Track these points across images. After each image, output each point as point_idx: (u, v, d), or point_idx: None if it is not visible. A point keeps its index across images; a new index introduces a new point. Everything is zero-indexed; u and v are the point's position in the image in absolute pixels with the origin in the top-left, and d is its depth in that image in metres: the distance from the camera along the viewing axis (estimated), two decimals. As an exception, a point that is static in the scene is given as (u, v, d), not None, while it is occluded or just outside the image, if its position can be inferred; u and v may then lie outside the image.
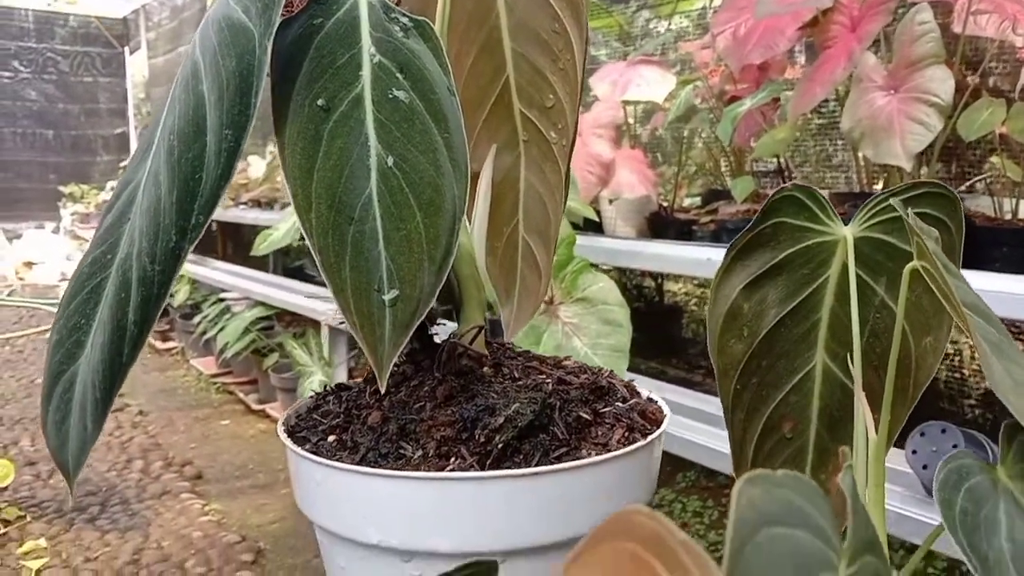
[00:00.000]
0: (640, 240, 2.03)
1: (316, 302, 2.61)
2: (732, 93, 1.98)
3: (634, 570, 0.25)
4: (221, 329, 3.23)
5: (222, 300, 3.83)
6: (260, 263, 4.35)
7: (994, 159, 1.50)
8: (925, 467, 1.13)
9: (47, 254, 6.15)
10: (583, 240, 1.83)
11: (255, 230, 3.76)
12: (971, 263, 1.26)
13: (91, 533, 1.99)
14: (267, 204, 4.03)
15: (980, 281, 1.09)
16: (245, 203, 4.18)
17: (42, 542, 1.87)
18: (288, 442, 0.60)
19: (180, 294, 4.35)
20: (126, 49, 7.28)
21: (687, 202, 2.36)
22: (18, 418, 3.01)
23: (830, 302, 0.65)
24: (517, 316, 0.74)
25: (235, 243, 5.03)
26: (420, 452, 0.56)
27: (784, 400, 0.68)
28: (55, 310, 0.60)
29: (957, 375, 1.78)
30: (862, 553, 0.30)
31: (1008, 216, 1.48)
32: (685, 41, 2.35)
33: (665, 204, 2.19)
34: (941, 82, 1.38)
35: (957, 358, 1.77)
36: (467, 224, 0.69)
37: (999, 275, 1.21)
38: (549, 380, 0.62)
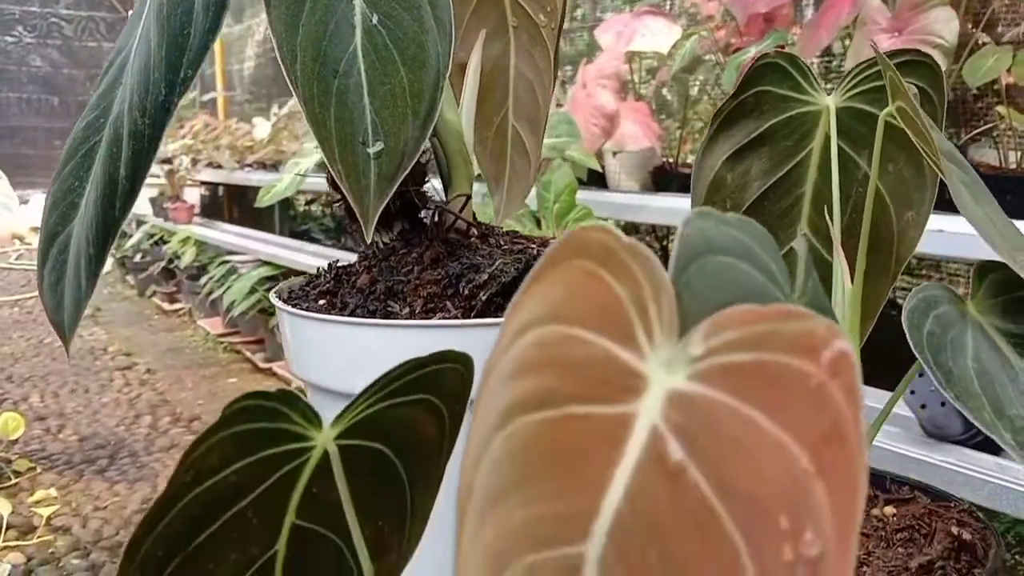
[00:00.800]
0: (646, 194, 2.03)
1: (322, 261, 2.63)
2: (737, 45, 1.97)
3: (586, 284, 0.26)
4: (227, 289, 3.25)
5: (228, 262, 3.84)
6: (267, 226, 4.35)
7: (1000, 109, 1.49)
8: (924, 407, 1.14)
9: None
10: (586, 195, 1.83)
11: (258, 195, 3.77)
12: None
13: (100, 484, 2.02)
14: (272, 166, 4.02)
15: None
16: (250, 165, 4.17)
17: (52, 491, 1.90)
18: (279, 303, 0.61)
19: (187, 255, 4.37)
20: (130, 13, 7.26)
21: (691, 158, 2.36)
22: (28, 376, 3.04)
23: (813, 176, 0.66)
24: (507, 202, 0.75)
25: (241, 207, 5.04)
26: (407, 309, 0.58)
27: (768, 277, 0.69)
28: None
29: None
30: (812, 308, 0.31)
31: (1013, 166, 1.47)
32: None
33: (670, 159, 2.18)
34: (945, 23, 1.37)
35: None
36: (455, 104, 0.69)
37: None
38: (534, 246, 0.63)
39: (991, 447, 1.12)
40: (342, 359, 0.56)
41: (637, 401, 0.25)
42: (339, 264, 0.67)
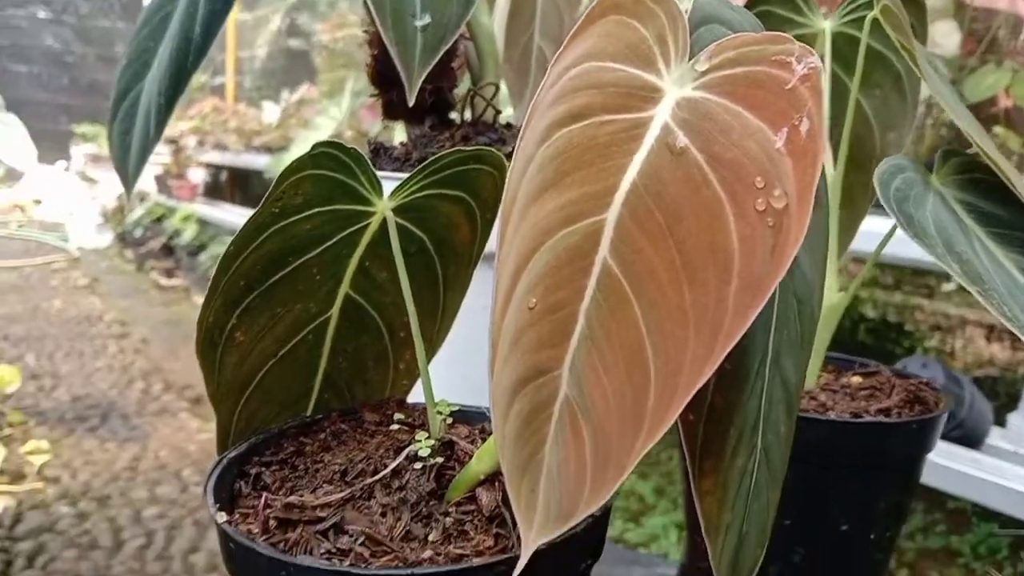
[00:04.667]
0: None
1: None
2: None
3: (620, 29, 0.34)
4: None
5: (225, 241, 3.89)
6: (268, 206, 4.40)
7: (997, 129, 1.56)
8: None
9: (55, 192, 6.21)
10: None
11: (263, 179, 3.82)
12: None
13: (91, 441, 2.07)
14: (278, 150, 4.08)
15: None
16: (257, 148, 4.21)
17: (44, 444, 1.94)
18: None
19: (188, 233, 4.42)
20: (147, -7, 7.33)
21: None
22: (23, 337, 3.09)
23: (806, 96, 0.73)
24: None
25: (244, 188, 5.09)
26: (438, 175, 0.65)
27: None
28: (61, 244, 0.68)
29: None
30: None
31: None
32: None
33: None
34: (947, 35, 1.44)
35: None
36: (489, 12, 0.77)
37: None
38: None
39: (968, 442, 1.19)
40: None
41: (654, 108, 0.32)
42: (377, 142, 0.74)
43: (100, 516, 1.65)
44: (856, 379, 0.65)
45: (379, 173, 0.44)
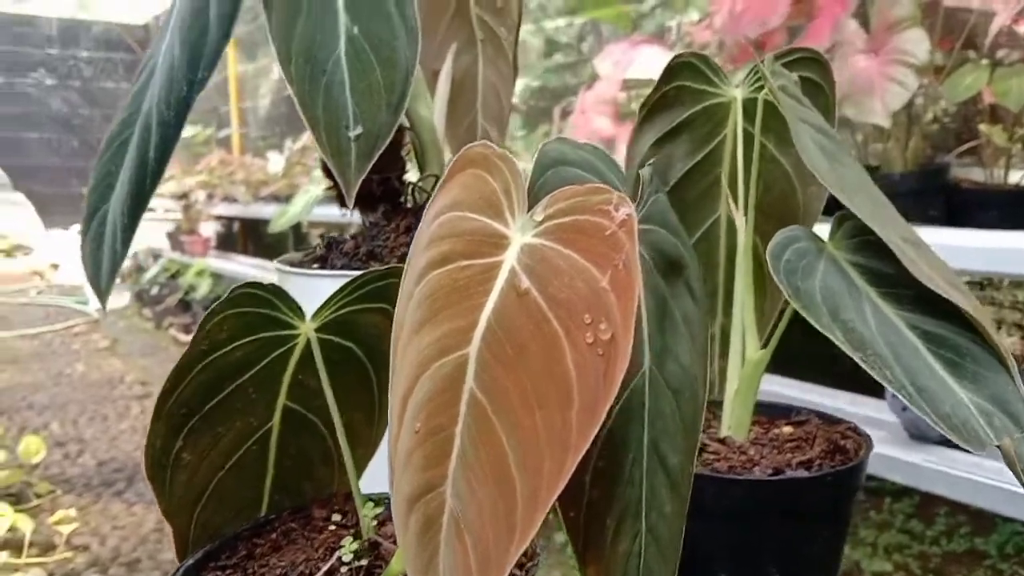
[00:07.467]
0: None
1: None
2: (731, 71, 2.08)
3: (476, 182, 0.39)
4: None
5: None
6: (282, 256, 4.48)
7: (982, 127, 1.58)
8: (904, 409, 1.21)
9: (71, 255, 6.34)
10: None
11: (274, 228, 3.90)
12: (963, 225, 1.35)
13: (118, 505, 2.12)
14: (286, 199, 4.14)
15: (966, 239, 1.17)
16: (265, 198, 4.28)
17: (72, 512, 1.98)
18: (279, 265, 0.74)
19: (202, 287, 4.50)
20: (147, 52, 7.49)
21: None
22: (47, 404, 3.16)
23: (729, 157, 0.78)
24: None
25: (255, 239, 5.16)
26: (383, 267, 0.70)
27: (695, 246, 0.81)
28: (80, 307, 0.74)
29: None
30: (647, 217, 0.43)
31: (1000, 181, 1.55)
32: (688, 24, 2.46)
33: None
34: (917, 43, 1.48)
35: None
36: (430, 102, 0.83)
37: (985, 232, 1.28)
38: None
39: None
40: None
41: (503, 253, 0.37)
42: (331, 236, 0.80)
43: (129, 585, 1.70)
44: (787, 429, 0.69)
45: (327, 273, 0.49)
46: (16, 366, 3.82)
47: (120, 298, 5.50)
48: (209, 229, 5.30)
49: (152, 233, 5.32)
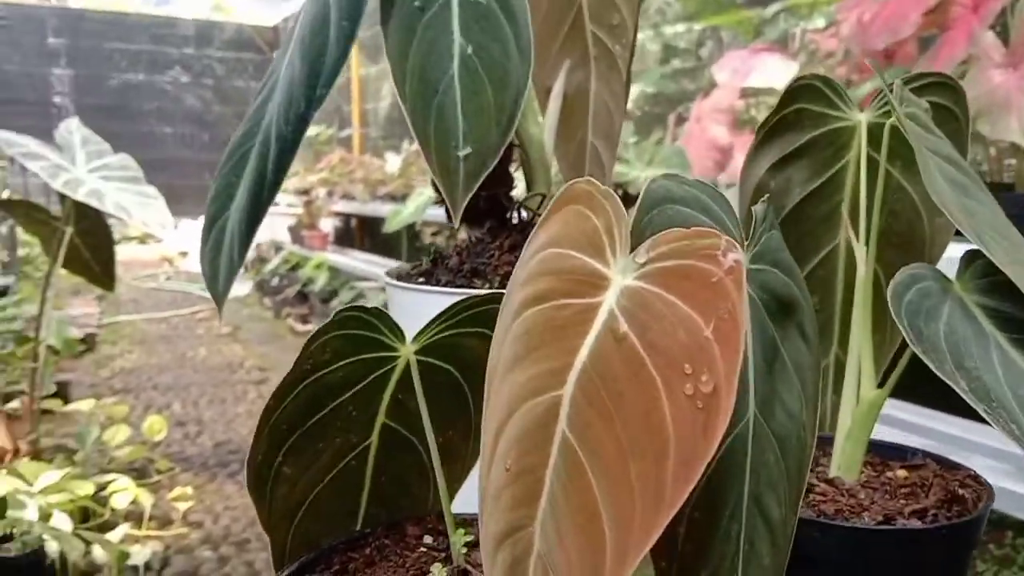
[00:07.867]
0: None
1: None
2: (857, 81, 2.00)
3: (577, 219, 0.38)
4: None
5: (356, 287, 4.09)
6: (395, 254, 4.60)
7: None
8: None
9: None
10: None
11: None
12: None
13: (231, 486, 2.22)
14: (401, 198, 4.24)
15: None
16: (381, 197, 4.39)
17: (189, 490, 2.09)
18: (388, 280, 0.75)
19: (320, 280, 4.65)
20: (275, 53, 7.80)
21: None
22: (171, 385, 3.34)
23: (851, 185, 0.75)
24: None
25: (371, 236, 5.29)
26: (487, 285, 0.70)
27: (811, 274, 0.78)
28: (204, 294, 0.78)
29: None
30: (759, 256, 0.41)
31: None
32: (812, 32, 2.39)
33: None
34: None
35: None
36: (540, 120, 0.82)
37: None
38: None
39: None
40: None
41: (603, 294, 0.36)
42: (437, 249, 0.81)
43: (239, 560, 1.78)
44: (901, 473, 0.66)
45: (432, 289, 0.49)
46: (144, 347, 4.04)
47: (242, 287, 5.74)
48: (328, 225, 5.47)
49: (275, 226, 5.53)
